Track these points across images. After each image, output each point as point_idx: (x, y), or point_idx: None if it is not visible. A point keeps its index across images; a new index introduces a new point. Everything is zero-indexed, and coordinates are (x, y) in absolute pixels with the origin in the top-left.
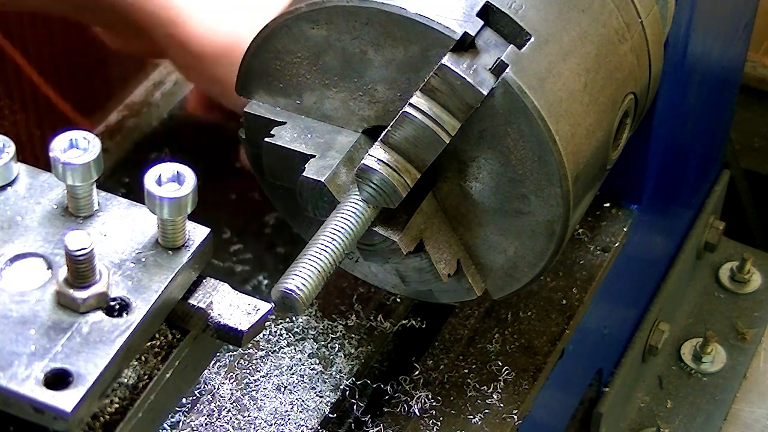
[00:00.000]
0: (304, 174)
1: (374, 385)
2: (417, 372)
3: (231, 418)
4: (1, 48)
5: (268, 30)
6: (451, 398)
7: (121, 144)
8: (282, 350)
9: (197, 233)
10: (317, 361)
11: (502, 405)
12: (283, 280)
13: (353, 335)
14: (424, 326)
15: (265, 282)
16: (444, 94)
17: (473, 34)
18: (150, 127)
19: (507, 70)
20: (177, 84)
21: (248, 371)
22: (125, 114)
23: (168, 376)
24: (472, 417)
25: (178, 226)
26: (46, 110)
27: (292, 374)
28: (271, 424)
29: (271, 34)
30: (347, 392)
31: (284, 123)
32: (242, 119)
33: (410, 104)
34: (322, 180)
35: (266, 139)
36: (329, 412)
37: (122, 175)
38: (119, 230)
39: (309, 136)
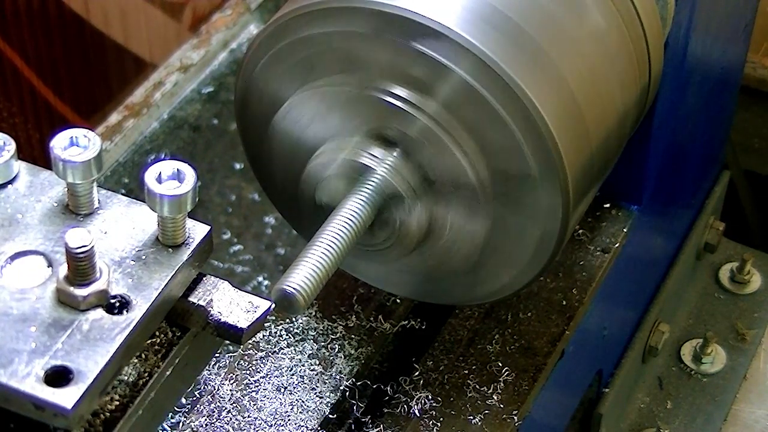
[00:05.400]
0: (306, 171)
1: (374, 386)
2: (417, 373)
3: (231, 419)
4: (0, 50)
5: (268, 30)
6: (451, 399)
7: (120, 145)
8: (282, 351)
9: (197, 231)
10: (317, 362)
11: (502, 406)
12: (284, 280)
13: (353, 336)
14: (424, 327)
15: (266, 283)
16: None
17: None
18: (150, 127)
19: (510, 72)
20: (177, 84)
21: (248, 372)
22: (125, 115)
23: (168, 373)
24: (472, 418)
25: (178, 224)
26: (44, 112)
27: (292, 375)
28: (271, 425)
29: (271, 34)
30: (347, 393)
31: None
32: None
33: (410, 104)
34: (323, 180)
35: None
36: (329, 413)
37: (122, 176)
38: (119, 228)
39: (311, 131)
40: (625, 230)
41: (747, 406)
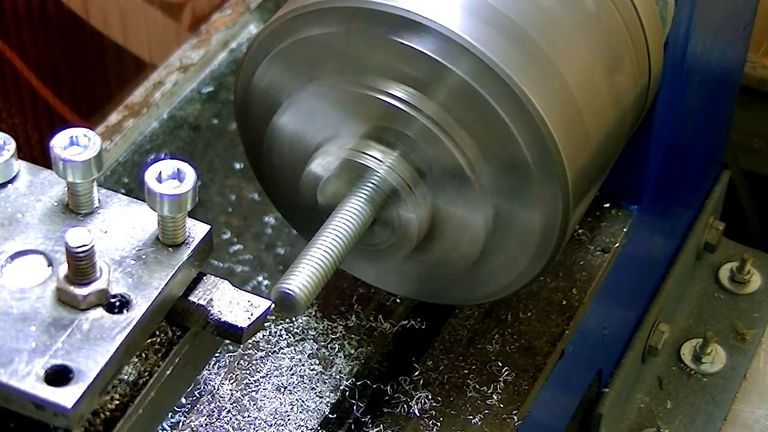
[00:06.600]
0: (306, 171)
1: (374, 386)
2: (417, 372)
3: (231, 419)
4: None
5: (268, 30)
6: (451, 399)
7: (120, 144)
8: (282, 351)
9: (197, 230)
10: (317, 362)
11: (502, 405)
12: (283, 280)
13: (353, 336)
14: (423, 327)
15: (266, 283)
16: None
17: None
18: (150, 127)
19: (509, 72)
20: (177, 84)
21: (248, 372)
22: (125, 114)
23: (168, 373)
24: (472, 417)
25: (178, 223)
26: (44, 113)
27: (292, 375)
28: (271, 425)
29: (271, 34)
30: (347, 393)
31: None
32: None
33: (409, 104)
34: (323, 180)
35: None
36: (329, 413)
37: (122, 176)
38: (120, 227)
39: (312, 131)
40: (625, 230)
41: (747, 406)
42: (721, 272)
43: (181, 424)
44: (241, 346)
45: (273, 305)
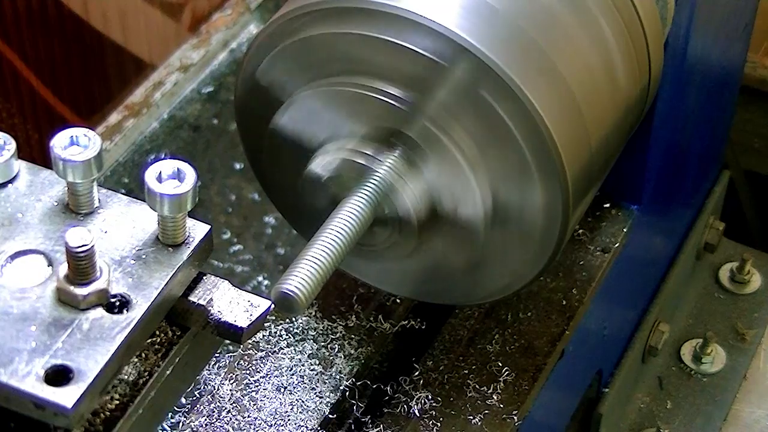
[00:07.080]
0: (306, 171)
1: (374, 386)
2: (417, 373)
3: (231, 419)
4: None
5: (268, 30)
6: (451, 399)
7: (120, 145)
8: (282, 351)
9: (197, 230)
10: (317, 362)
11: (502, 405)
12: (283, 280)
13: (353, 336)
14: (423, 327)
15: (266, 283)
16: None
17: None
18: (150, 127)
19: (509, 72)
20: (177, 84)
21: (248, 372)
22: (125, 114)
23: (168, 373)
24: (472, 417)
25: (178, 223)
26: (44, 113)
27: (292, 375)
28: (271, 425)
29: (271, 34)
30: (347, 393)
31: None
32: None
33: (409, 104)
34: (324, 177)
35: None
36: (329, 413)
37: (122, 176)
38: (120, 227)
39: (312, 131)
40: (625, 230)
41: (747, 406)
42: (721, 272)
43: (181, 424)
44: (241, 346)
45: (273, 305)
